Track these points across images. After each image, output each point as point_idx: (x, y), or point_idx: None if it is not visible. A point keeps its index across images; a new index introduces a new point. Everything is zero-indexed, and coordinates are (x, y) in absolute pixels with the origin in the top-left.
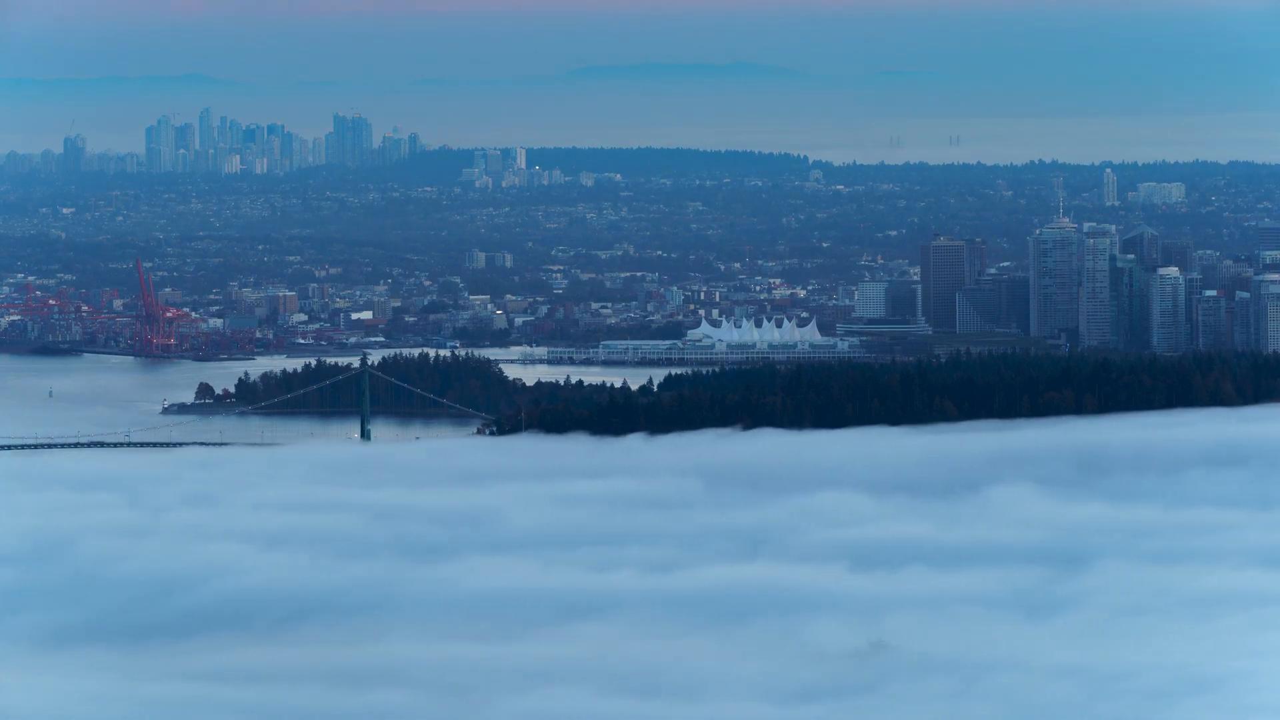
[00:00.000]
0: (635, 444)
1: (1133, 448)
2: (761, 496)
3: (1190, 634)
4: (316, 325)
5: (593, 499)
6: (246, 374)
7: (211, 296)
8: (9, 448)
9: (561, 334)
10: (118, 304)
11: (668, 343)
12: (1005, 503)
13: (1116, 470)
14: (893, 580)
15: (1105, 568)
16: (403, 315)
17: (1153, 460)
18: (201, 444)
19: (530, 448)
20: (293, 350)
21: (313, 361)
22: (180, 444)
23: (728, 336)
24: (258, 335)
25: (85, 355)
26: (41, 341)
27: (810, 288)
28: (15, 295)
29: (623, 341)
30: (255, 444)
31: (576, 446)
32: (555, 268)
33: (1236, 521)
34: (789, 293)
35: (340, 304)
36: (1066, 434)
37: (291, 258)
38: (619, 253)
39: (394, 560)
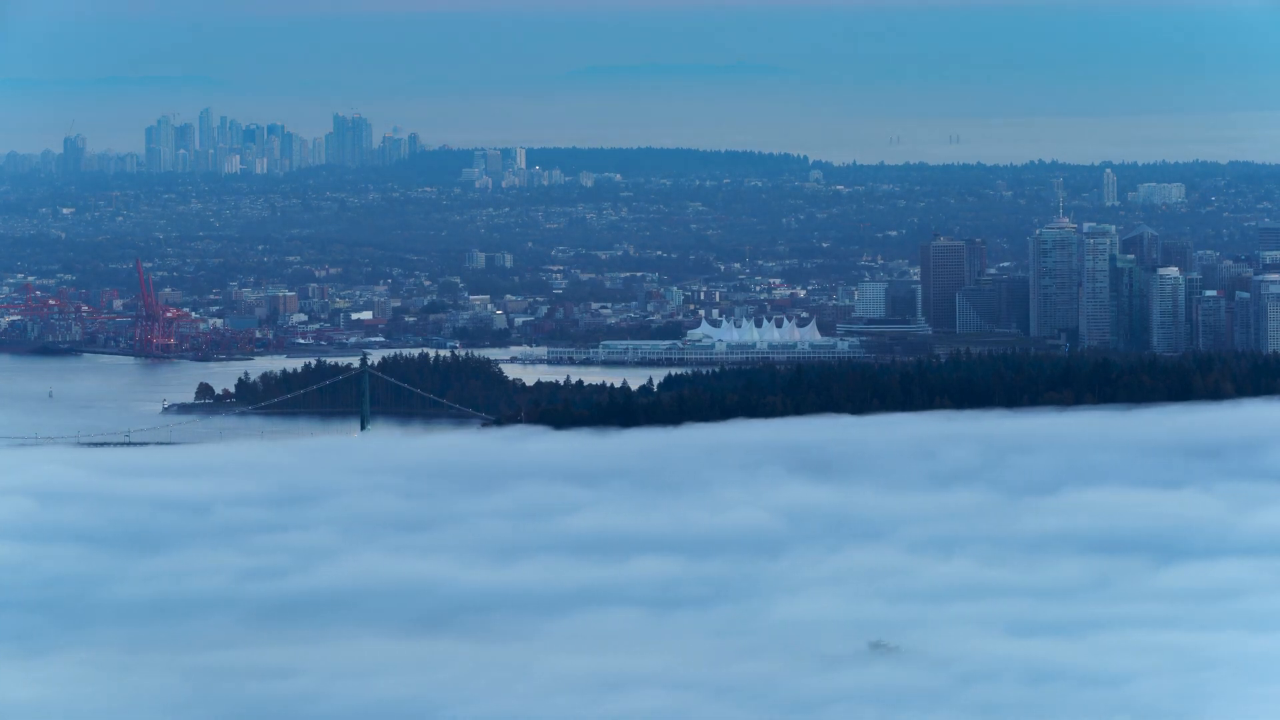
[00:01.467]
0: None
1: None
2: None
3: None
4: (316, 325)
5: None
6: (246, 374)
7: (211, 296)
8: (9, 448)
9: (561, 334)
10: (118, 304)
11: (668, 343)
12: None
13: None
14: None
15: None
16: (403, 315)
17: None
18: (202, 444)
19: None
20: (293, 350)
21: (313, 361)
22: (180, 444)
23: (728, 336)
24: (258, 335)
25: (85, 355)
26: (41, 341)
27: (810, 288)
28: (15, 295)
29: (623, 342)
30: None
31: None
32: (555, 268)
33: None
34: (789, 293)
35: (340, 304)
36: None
37: (291, 258)
38: (619, 253)
39: None
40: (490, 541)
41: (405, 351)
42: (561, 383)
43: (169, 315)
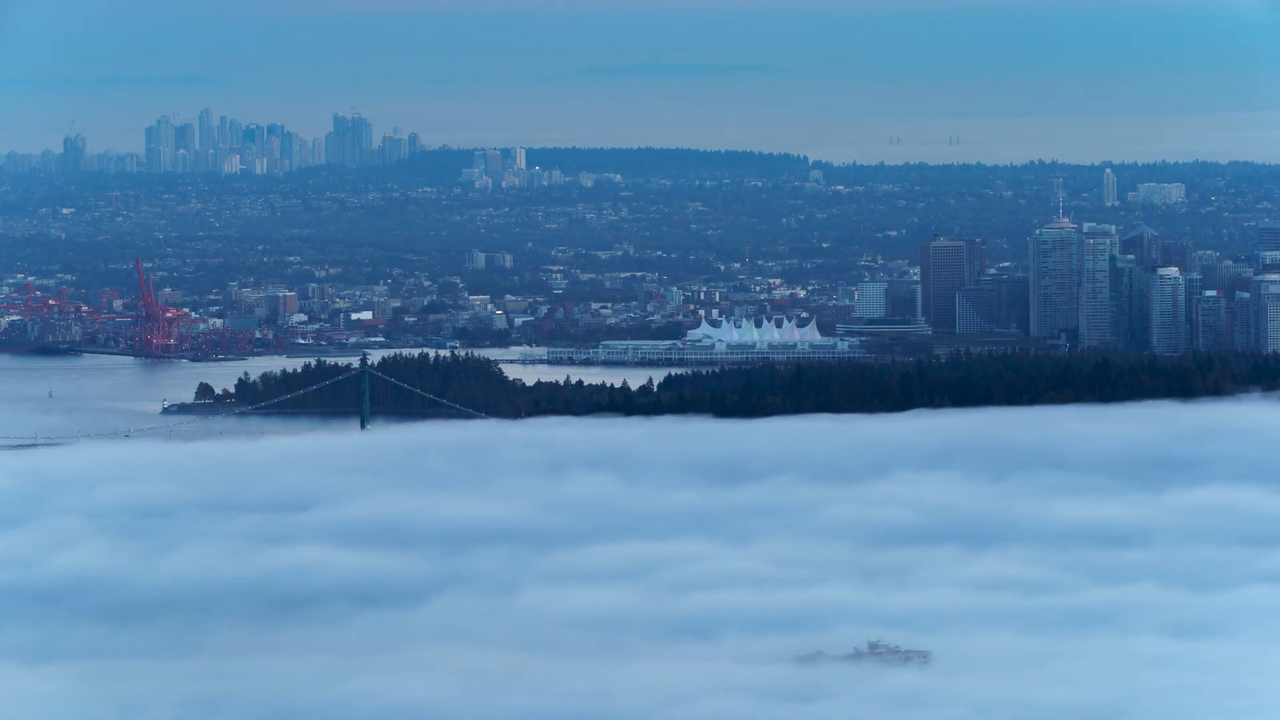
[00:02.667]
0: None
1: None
2: None
3: None
4: (316, 325)
5: None
6: (246, 374)
7: (211, 296)
8: (9, 448)
9: (561, 334)
10: (117, 304)
11: (668, 343)
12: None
13: None
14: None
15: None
16: (403, 315)
17: None
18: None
19: None
20: (292, 350)
21: (313, 362)
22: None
23: (728, 336)
24: (257, 335)
25: (85, 355)
26: (41, 341)
27: (810, 288)
28: (15, 295)
29: (623, 342)
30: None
31: None
32: (555, 268)
33: None
34: (789, 293)
35: (340, 304)
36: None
37: (291, 258)
38: (619, 253)
39: None
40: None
41: (405, 351)
42: (561, 383)
43: (169, 315)
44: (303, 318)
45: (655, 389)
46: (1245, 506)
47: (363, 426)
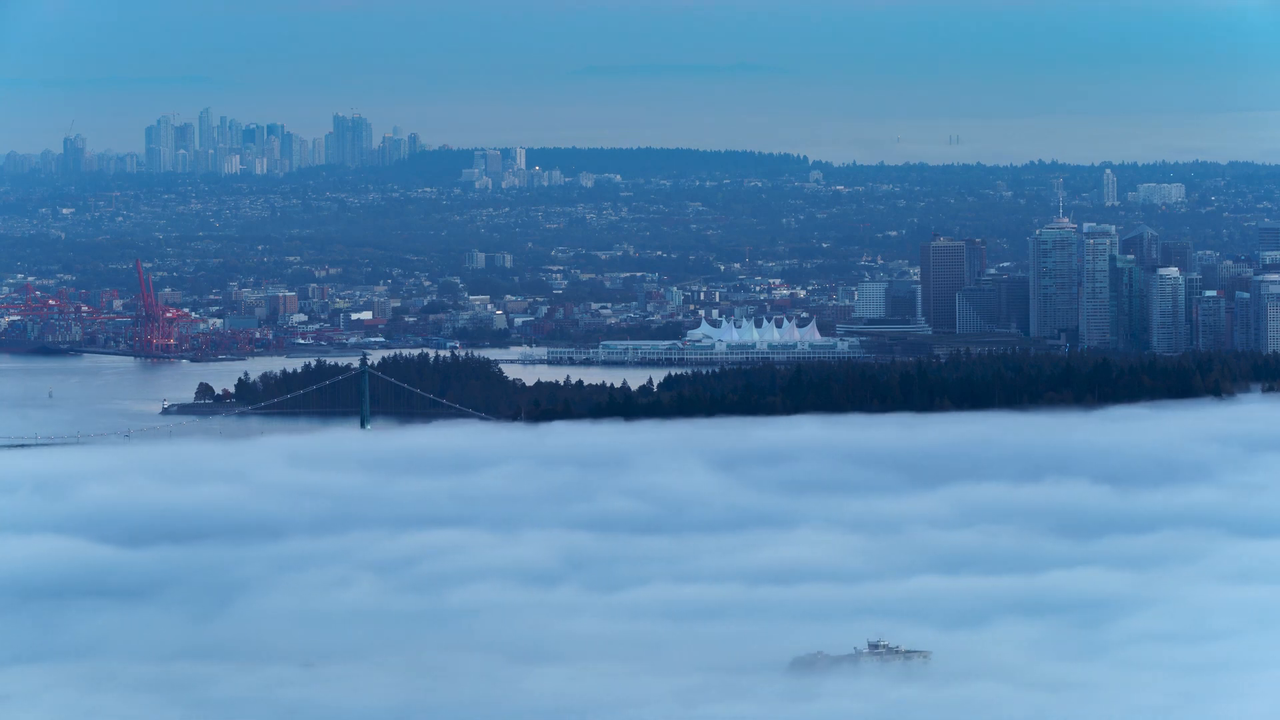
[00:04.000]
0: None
1: None
2: None
3: None
4: (316, 325)
5: None
6: (246, 374)
7: (211, 297)
8: (8, 448)
9: (561, 334)
10: (117, 304)
11: (667, 343)
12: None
13: None
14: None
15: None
16: (403, 315)
17: None
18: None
19: None
20: (292, 350)
21: (312, 362)
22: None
23: (727, 337)
24: (257, 335)
25: (85, 355)
26: (41, 342)
27: (810, 288)
28: (15, 295)
29: (622, 342)
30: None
31: None
32: (555, 268)
33: None
34: (789, 293)
35: (340, 304)
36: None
37: (291, 258)
38: (619, 253)
39: None
40: None
41: (405, 352)
42: (561, 383)
43: (169, 315)
44: (303, 318)
45: (655, 389)
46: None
47: (363, 427)
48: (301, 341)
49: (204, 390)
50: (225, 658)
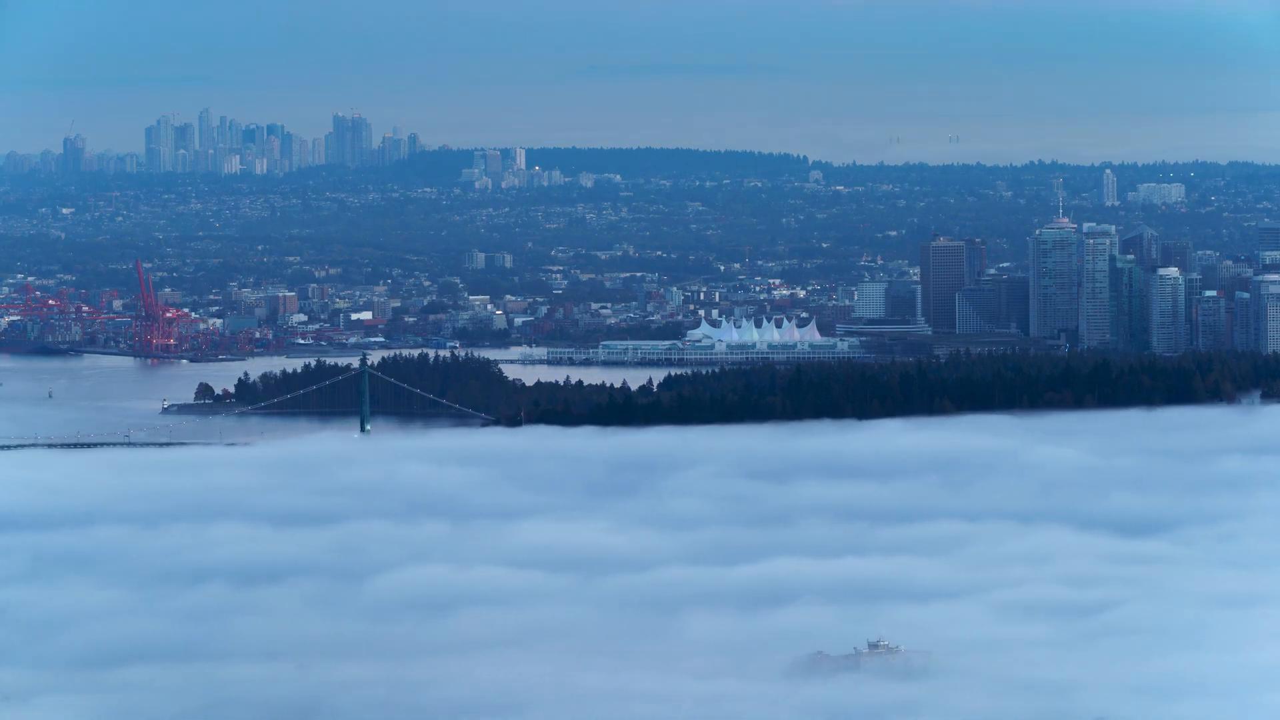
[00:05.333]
0: None
1: None
2: None
3: None
4: (316, 325)
5: None
6: (246, 374)
7: (211, 297)
8: (9, 448)
9: (561, 334)
10: (117, 304)
11: (667, 343)
12: None
13: None
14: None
15: None
16: (402, 315)
17: None
18: (201, 444)
19: None
20: (292, 350)
21: (312, 362)
22: (179, 444)
23: (727, 337)
24: (257, 335)
25: (85, 355)
26: (41, 342)
27: (810, 288)
28: (15, 295)
29: (622, 342)
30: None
31: None
32: (555, 268)
33: None
34: (789, 293)
35: (340, 304)
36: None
37: (291, 258)
38: (619, 253)
39: None
40: None
41: (405, 352)
42: (561, 383)
43: (169, 315)
44: (303, 318)
45: (655, 389)
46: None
47: (362, 427)
48: (301, 341)
49: (204, 390)
50: None
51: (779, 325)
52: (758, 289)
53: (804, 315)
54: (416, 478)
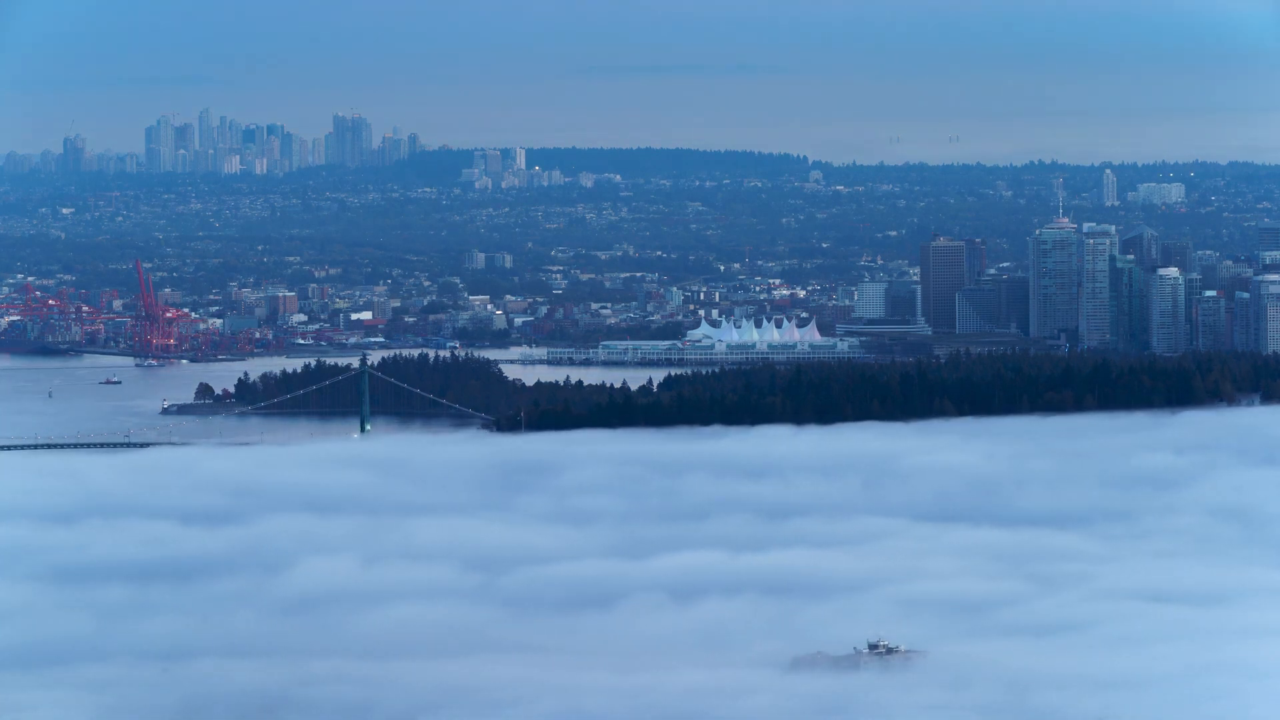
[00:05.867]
0: None
1: None
2: None
3: None
4: (316, 326)
5: None
6: (246, 374)
7: (211, 297)
8: (9, 448)
9: (561, 334)
10: (117, 304)
11: (667, 343)
12: None
13: None
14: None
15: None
16: (402, 316)
17: None
18: (200, 444)
19: None
20: (292, 350)
21: (312, 362)
22: (179, 444)
23: (727, 337)
24: (257, 335)
25: (85, 355)
26: (41, 342)
27: (810, 288)
28: (15, 295)
29: (622, 342)
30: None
31: None
32: (555, 268)
33: None
34: (789, 293)
35: (340, 304)
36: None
37: (291, 258)
38: (619, 253)
39: None
40: None
41: (405, 352)
42: (561, 383)
43: (169, 315)
44: (303, 318)
45: (655, 389)
46: None
47: (362, 427)
48: (301, 341)
49: (204, 390)
50: None
51: (779, 325)
52: (758, 289)
53: (804, 315)
54: (304, 480)
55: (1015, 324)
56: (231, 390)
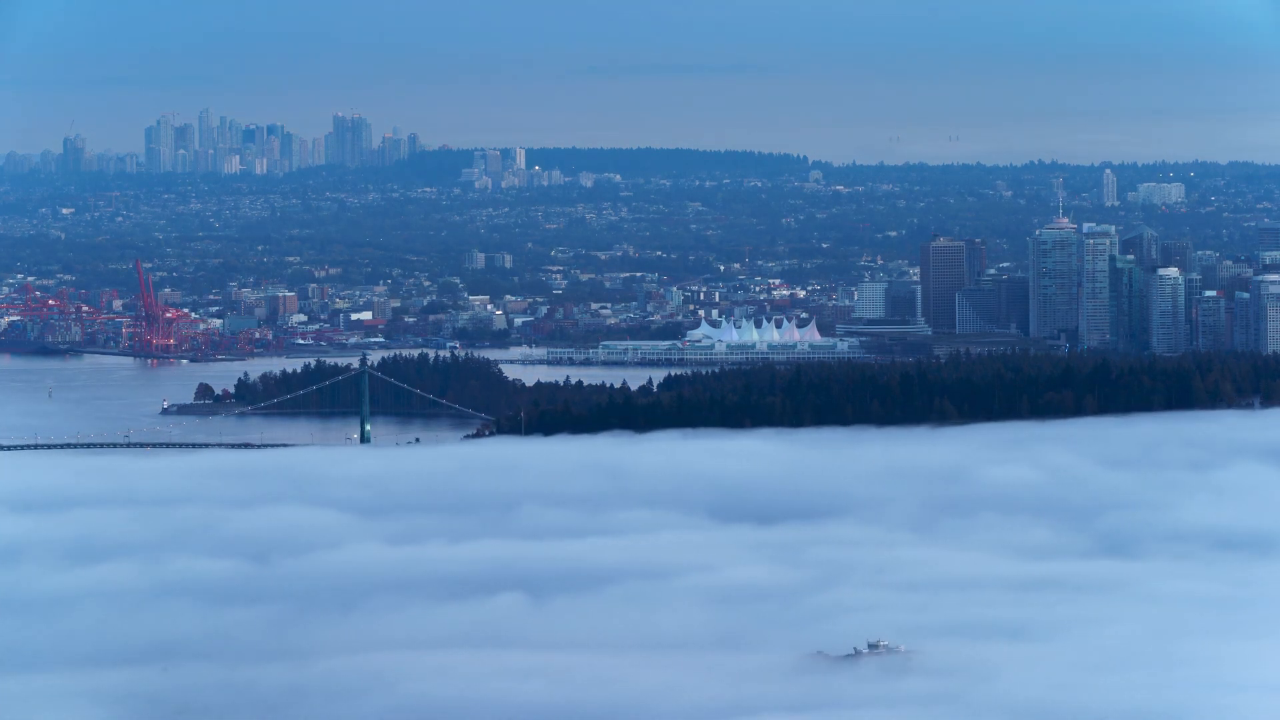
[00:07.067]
0: None
1: None
2: None
3: None
4: (316, 326)
5: None
6: (246, 374)
7: (211, 297)
8: (9, 449)
9: (561, 334)
10: (117, 304)
11: (667, 343)
12: None
13: None
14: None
15: None
16: (402, 316)
17: None
18: (200, 445)
19: None
20: (292, 351)
21: (312, 362)
22: (178, 444)
23: (727, 337)
24: (257, 336)
25: (85, 355)
26: (41, 342)
27: (810, 288)
28: (15, 295)
29: (622, 342)
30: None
31: None
32: (555, 268)
33: None
34: (789, 293)
35: (340, 304)
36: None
37: (291, 258)
38: (618, 253)
39: None
40: None
41: (405, 352)
42: (561, 383)
43: (169, 316)
44: (303, 318)
45: (655, 389)
46: None
47: (363, 427)
48: (301, 342)
49: (204, 390)
50: None
51: (779, 325)
52: (758, 289)
53: (804, 315)
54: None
55: (1015, 324)
56: (231, 390)
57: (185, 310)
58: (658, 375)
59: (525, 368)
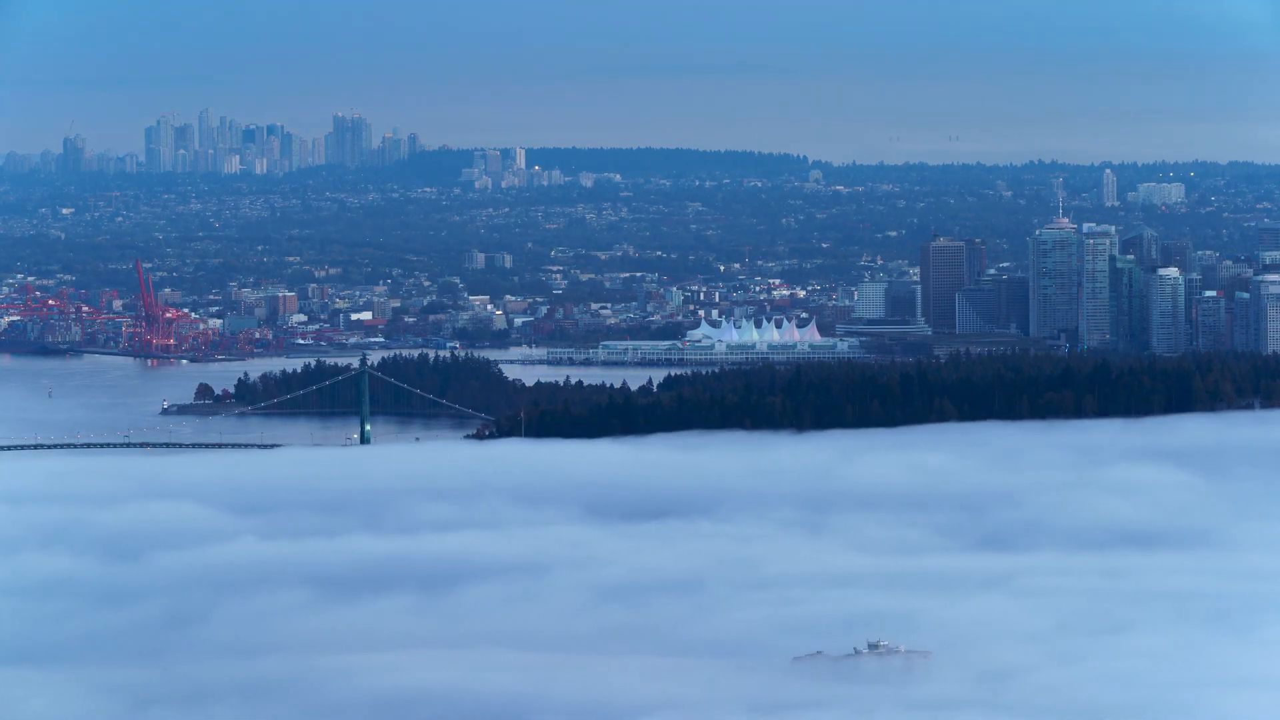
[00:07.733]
0: None
1: None
2: None
3: None
4: (316, 326)
5: None
6: (246, 374)
7: (211, 297)
8: (9, 449)
9: (561, 334)
10: (117, 304)
11: (667, 343)
12: None
13: None
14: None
15: None
16: (402, 316)
17: None
18: (200, 445)
19: None
20: (292, 351)
21: (312, 362)
22: (178, 445)
23: (727, 337)
24: (257, 336)
25: (85, 355)
26: (41, 342)
27: (810, 288)
28: (15, 295)
29: (622, 342)
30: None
31: None
32: (554, 268)
33: None
34: (789, 293)
35: (340, 304)
36: None
37: (291, 258)
38: (618, 253)
39: None
40: None
41: (405, 352)
42: (561, 383)
43: (169, 316)
44: (302, 318)
45: (655, 390)
46: None
47: (363, 428)
48: (301, 342)
49: (204, 390)
50: None
51: (779, 325)
52: (758, 289)
53: (804, 315)
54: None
55: (1015, 324)
56: (231, 390)
57: (185, 310)
58: (658, 375)
59: (525, 368)
